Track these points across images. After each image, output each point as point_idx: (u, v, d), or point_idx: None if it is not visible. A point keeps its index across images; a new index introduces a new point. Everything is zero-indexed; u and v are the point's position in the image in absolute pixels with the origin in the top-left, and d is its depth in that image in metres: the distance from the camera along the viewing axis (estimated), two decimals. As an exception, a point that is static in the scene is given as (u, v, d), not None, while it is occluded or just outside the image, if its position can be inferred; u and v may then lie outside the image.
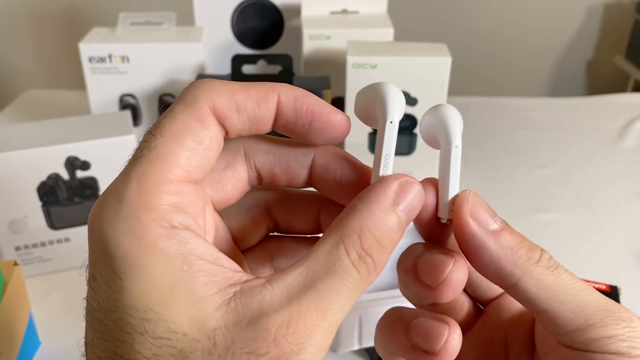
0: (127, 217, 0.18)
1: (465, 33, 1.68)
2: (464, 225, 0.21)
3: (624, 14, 1.68)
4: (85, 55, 0.67)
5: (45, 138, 0.51)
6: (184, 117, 0.19)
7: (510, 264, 0.21)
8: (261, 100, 0.21)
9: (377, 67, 0.62)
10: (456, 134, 0.23)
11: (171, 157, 0.19)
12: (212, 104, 0.20)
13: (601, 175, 0.73)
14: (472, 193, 0.22)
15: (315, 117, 0.22)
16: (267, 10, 0.78)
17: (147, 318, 0.17)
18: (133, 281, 0.17)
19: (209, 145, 0.20)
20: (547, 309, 0.21)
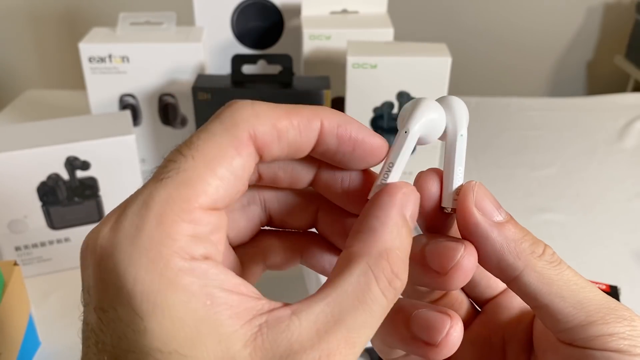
0: (147, 249, 0.16)
1: (465, 33, 1.68)
2: (469, 215, 0.22)
3: (624, 14, 1.68)
4: (85, 55, 0.67)
5: (45, 138, 0.51)
6: (220, 141, 0.18)
7: (513, 256, 0.21)
8: (304, 127, 0.19)
9: (377, 67, 0.62)
10: (462, 123, 0.24)
11: (200, 184, 0.17)
12: (254, 131, 0.18)
13: (601, 175, 0.73)
14: (477, 184, 0.22)
15: (357, 144, 0.21)
16: (267, 10, 0.78)
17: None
18: (157, 322, 0.16)
19: (241, 175, 0.18)
20: (549, 304, 0.21)
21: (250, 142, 0.18)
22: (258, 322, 0.17)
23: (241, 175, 0.18)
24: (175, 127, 0.72)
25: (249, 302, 0.17)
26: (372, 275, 0.18)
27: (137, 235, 0.17)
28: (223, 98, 0.62)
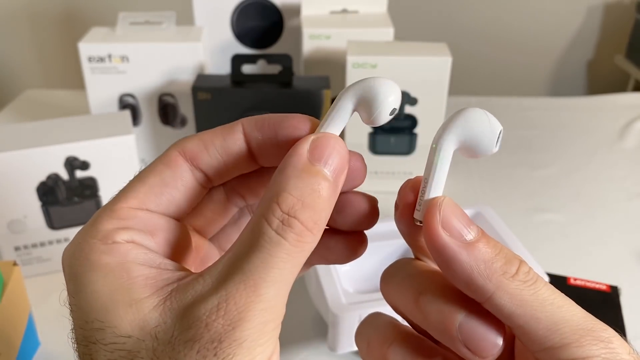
0: (79, 243, 0.20)
1: (465, 33, 1.68)
2: (435, 236, 0.21)
3: (624, 13, 1.68)
4: (85, 55, 0.67)
5: (44, 138, 0.51)
6: (154, 164, 0.22)
7: (483, 278, 0.20)
8: (226, 132, 0.22)
9: (377, 66, 0.62)
10: (442, 134, 0.22)
11: (130, 191, 0.22)
12: (182, 149, 0.22)
13: (601, 175, 0.73)
14: (445, 200, 0.21)
15: (277, 126, 0.22)
16: (267, 10, 0.78)
17: (96, 328, 0.19)
18: (79, 297, 0.19)
19: (170, 183, 0.22)
20: (523, 325, 0.20)
21: (179, 157, 0.22)
22: (170, 288, 0.19)
23: (171, 182, 0.22)
24: (175, 127, 0.72)
25: (166, 274, 0.20)
26: (264, 219, 0.19)
27: (75, 237, 0.21)
28: (223, 98, 0.62)
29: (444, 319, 0.21)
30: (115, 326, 0.19)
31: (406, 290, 0.23)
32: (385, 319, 0.25)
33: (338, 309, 0.41)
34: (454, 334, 0.21)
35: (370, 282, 0.49)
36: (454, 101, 0.88)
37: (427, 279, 0.23)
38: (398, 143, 0.66)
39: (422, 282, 0.23)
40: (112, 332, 0.19)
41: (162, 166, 0.22)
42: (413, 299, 0.23)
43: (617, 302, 0.50)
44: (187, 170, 0.22)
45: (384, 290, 0.25)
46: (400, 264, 0.25)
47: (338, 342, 0.42)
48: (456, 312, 0.21)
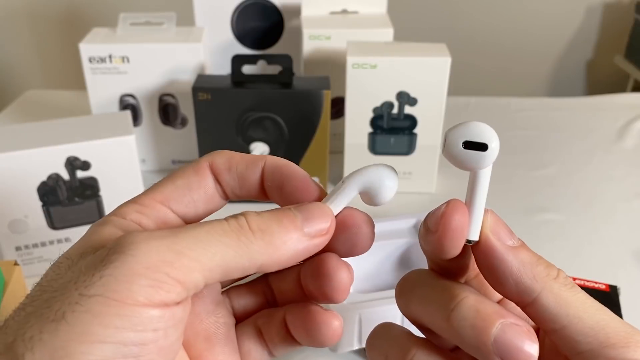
0: (105, 217, 0.23)
1: (465, 33, 1.68)
2: (484, 239, 0.22)
3: (623, 13, 1.68)
4: (86, 56, 0.67)
5: (45, 138, 0.51)
6: (185, 168, 0.25)
7: (530, 279, 0.21)
8: (251, 163, 0.25)
9: (377, 67, 0.62)
10: (487, 155, 0.24)
11: (158, 187, 0.24)
12: (211, 161, 0.25)
13: (601, 175, 0.73)
14: (490, 211, 0.23)
15: (285, 181, 0.24)
16: (267, 11, 0.78)
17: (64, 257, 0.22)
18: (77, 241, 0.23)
19: (195, 188, 0.24)
20: (567, 325, 0.21)
21: (207, 168, 0.25)
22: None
23: (195, 187, 0.24)
24: (175, 127, 0.72)
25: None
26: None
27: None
28: (223, 98, 0.62)
29: (479, 334, 0.21)
30: (69, 253, 0.21)
31: (434, 307, 0.23)
32: (398, 330, 0.25)
33: (338, 309, 0.41)
34: (489, 348, 0.21)
35: (370, 282, 0.49)
36: (454, 101, 0.88)
37: (456, 294, 0.23)
38: (398, 143, 0.66)
39: (451, 297, 0.23)
40: (64, 256, 0.21)
41: (191, 171, 0.25)
42: (442, 315, 0.22)
43: (617, 301, 0.50)
44: (211, 181, 0.25)
45: (402, 304, 0.25)
46: (417, 278, 0.25)
47: (338, 342, 0.42)
48: (490, 325, 0.21)
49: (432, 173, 0.68)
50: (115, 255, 0.19)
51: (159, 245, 0.19)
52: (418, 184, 0.68)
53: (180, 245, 0.19)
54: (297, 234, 0.22)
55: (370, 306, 0.41)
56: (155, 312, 0.19)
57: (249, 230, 0.21)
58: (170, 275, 0.19)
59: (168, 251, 0.19)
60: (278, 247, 0.21)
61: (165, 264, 0.19)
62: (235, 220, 0.21)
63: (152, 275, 0.19)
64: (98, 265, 0.19)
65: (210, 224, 0.21)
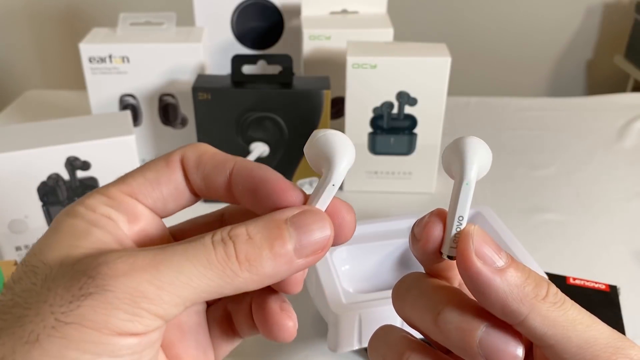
0: (67, 208, 0.22)
1: (465, 33, 1.68)
2: (470, 265, 0.21)
3: (623, 13, 1.68)
4: (86, 56, 0.67)
5: (45, 138, 0.51)
6: (158, 159, 0.24)
7: (517, 302, 0.21)
8: (219, 163, 0.23)
9: (377, 67, 0.62)
10: (468, 171, 0.23)
11: (127, 179, 0.23)
12: (183, 155, 0.24)
13: (601, 175, 0.73)
14: (476, 229, 0.22)
15: (259, 184, 0.22)
16: (267, 10, 0.78)
17: (32, 253, 0.21)
18: (46, 234, 0.21)
19: (164, 182, 0.23)
20: (555, 345, 0.21)
21: (178, 162, 0.23)
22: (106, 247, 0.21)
23: (164, 180, 0.23)
24: (175, 127, 0.72)
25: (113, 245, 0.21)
26: (210, 234, 0.20)
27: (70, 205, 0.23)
28: (223, 98, 0.62)
29: (463, 336, 0.22)
30: (43, 253, 0.20)
31: (423, 310, 0.24)
32: (396, 333, 0.25)
33: (338, 309, 0.41)
34: (475, 350, 0.22)
35: (370, 282, 0.49)
36: (454, 101, 0.88)
37: (443, 297, 0.23)
38: (398, 143, 0.66)
39: (438, 301, 0.23)
40: (38, 258, 0.20)
41: (162, 163, 0.23)
42: (431, 318, 0.23)
43: (617, 301, 0.50)
44: (181, 176, 0.24)
45: (398, 307, 0.25)
46: (411, 280, 0.25)
47: (338, 342, 0.42)
48: (475, 328, 0.22)
49: (432, 173, 0.68)
50: (94, 288, 0.18)
51: (139, 279, 0.19)
52: (418, 184, 0.68)
53: (162, 281, 0.19)
54: (288, 260, 0.21)
55: (370, 306, 0.41)
56: (132, 340, 0.19)
57: (236, 261, 0.20)
58: (149, 310, 0.19)
59: (149, 286, 0.19)
60: (266, 276, 0.20)
61: (145, 300, 0.18)
62: (223, 247, 0.20)
63: (131, 310, 0.18)
64: (76, 293, 0.18)
65: (195, 252, 0.20)
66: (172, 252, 0.20)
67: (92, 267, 0.19)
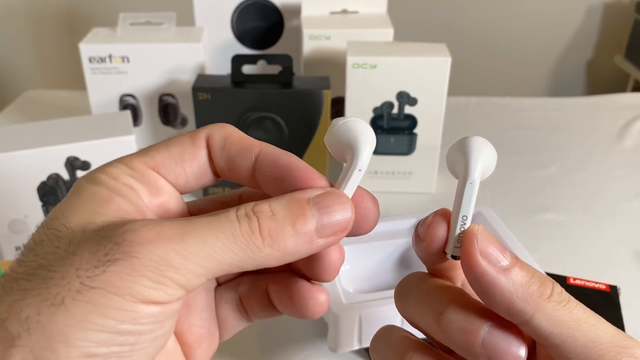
0: (90, 173, 0.22)
1: (465, 33, 1.68)
2: (474, 264, 0.21)
3: (623, 13, 1.68)
4: (86, 56, 0.67)
5: (45, 138, 0.51)
6: (183, 136, 0.24)
7: (523, 301, 0.21)
8: (245, 147, 0.23)
9: (377, 67, 0.62)
10: (473, 171, 0.23)
11: (151, 151, 0.23)
12: (210, 134, 0.23)
13: (601, 175, 0.73)
14: (480, 228, 0.22)
15: (286, 173, 0.22)
16: (267, 10, 0.78)
17: (53, 217, 0.21)
18: (67, 199, 0.21)
19: (188, 159, 0.23)
20: (560, 344, 0.21)
21: (204, 140, 0.23)
22: (128, 217, 0.21)
23: (188, 157, 0.23)
24: (175, 127, 0.72)
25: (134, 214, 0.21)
26: (235, 209, 0.21)
27: (93, 169, 0.23)
28: (223, 98, 0.62)
29: (466, 337, 0.22)
30: (65, 218, 0.20)
31: (425, 310, 0.24)
32: (398, 334, 0.25)
33: (338, 309, 0.41)
34: (478, 350, 0.22)
35: (370, 282, 0.49)
36: (454, 101, 0.88)
37: (445, 297, 0.23)
38: (398, 143, 0.66)
39: (441, 301, 0.23)
40: (60, 222, 0.20)
41: (188, 140, 0.23)
42: (433, 318, 0.23)
43: (617, 301, 0.50)
44: (205, 155, 0.24)
45: (400, 307, 0.25)
46: (414, 281, 0.25)
47: (338, 342, 0.42)
48: (478, 328, 0.22)
49: (432, 173, 0.68)
50: (120, 254, 0.19)
51: (165, 247, 0.19)
52: (418, 184, 0.68)
53: (187, 250, 0.19)
54: (309, 239, 0.21)
55: (370, 306, 0.41)
56: (154, 308, 0.19)
57: (260, 236, 0.20)
58: (173, 280, 0.19)
59: (174, 255, 0.19)
60: (287, 253, 0.21)
61: (170, 268, 0.19)
62: (247, 221, 0.20)
63: (155, 278, 0.18)
64: (102, 258, 0.19)
65: (220, 225, 0.20)
66: (197, 223, 0.20)
67: (117, 233, 0.19)
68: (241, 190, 0.26)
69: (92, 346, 0.18)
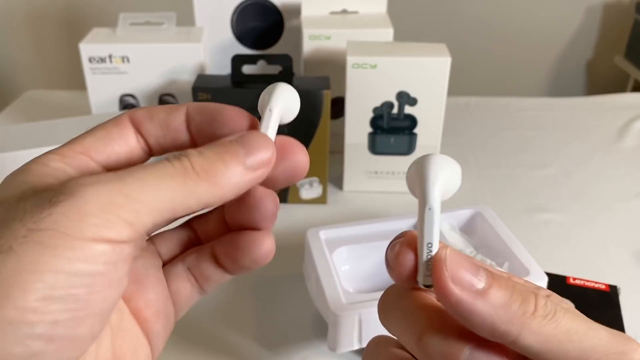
0: (23, 165, 0.23)
1: (465, 33, 1.68)
2: (448, 294, 0.20)
3: (623, 13, 1.68)
4: (86, 56, 0.67)
5: (45, 138, 0.51)
6: (106, 122, 0.25)
7: (505, 323, 0.20)
8: (172, 109, 0.25)
9: (377, 67, 0.62)
10: (431, 194, 0.21)
11: (78, 139, 0.24)
12: (132, 115, 0.25)
13: (601, 175, 0.73)
14: (448, 252, 0.21)
15: (216, 113, 0.24)
16: (267, 10, 0.78)
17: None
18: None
19: (115, 139, 0.24)
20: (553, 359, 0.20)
21: (127, 120, 0.24)
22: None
23: (115, 138, 0.24)
24: (175, 127, 0.72)
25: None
26: (165, 157, 0.22)
27: None
28: (223, 98, 0.62)
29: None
30: (1, 196, 0.21)
31: (406, 332, 0.23)
32: (386, 349, 0.25)
33: (338, 309, 0.41)
34: None
35: (370, 282, 0.49)
36: (454, 101, 0.88)
37: (425, 319, 0.22)
38: (398, 143, 0.66)
39: (420, 323, 0.22)
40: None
41: (111, 124, 0.24)
42: (414, 341, 0.22)
43: (617, 301, 0.50)
44: (132, 134, 0.24)
45: (384, 322, 0.25)
46: (395, 297, 0.24)
47: (338, 342, 0.42)
48: (459, 352, 0.21)
49: (432, 173, 0.67)
50: (64, 197, 0.19)
51: (109, 188, 0.19)
52: (418, 184, 0.68)
53: (129, 189, 0.19)
54: (240, 170, 0.22)
55: (370, 306, 0.41)
56: (106, 246, 0.19)
57: (194, 172, 0.21)
58: (121, 217, 0.19)
59: (118, 194, 0.19)
60: (223, 186, 0.21)
61: (116, 206, 0.19)
62: (179, 161, 0.21)
63: (103, 216, 0.19)
64: (46, 204, 0.19)
65: (155, 167, 0.21)
66: (133, 169, 0.20)
67: (58, 185, 0.19)
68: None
69: (47, 288, 0.18)
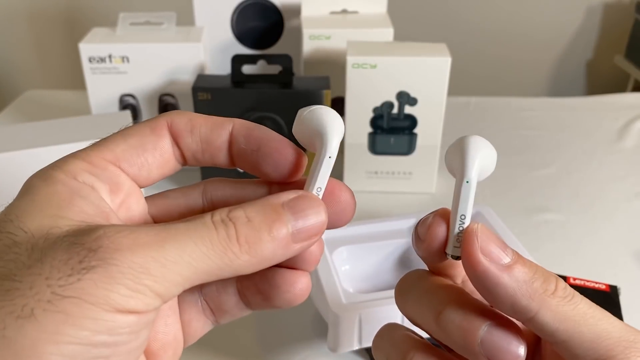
0: (44, 169, 0.21)
1: (465, 33, 1.68)
2: (476, 263, 0.21)
3: (623, 13, 1.68)
4: (85, 56, 0.67)
5: (45, 138, 0.51)
6: (140, 125, 0.23)
7: (527, 298, 0.21)
8: (216, 125, 0.23)
9: (377, 67, 0.62)
10: (470, 169, 0.23)
11: (109, 144, 0.22)
12: (171, 121, 0.23)
13: (601, 175, 0.73)
14: (480, 227, 0.22)
15: (263, 142, 0.23)
16: (267, 10, 0.78)
17: (7, 220, 0.19)
18: (16, 198, 0.20)
19: (150, 149, 0.22)
20: (567, 340, 0.21)
21: (165, 128, 0.23)
22: (91, 220, 0.20)
23: (150, 148, 0.22)
24: (175, 127, 0.72)
25: (97, 218, 0.20)
26: (210, 213, 0.20)
27: (46, 165, 0.22)
28: (223, 98, 0.62)
29: (465, 336, 0.22)
30: (22, 221, 0.19)
31: (425, 308, 0.23)
32: (400, 332, 0.25)
33: (338, 309, 0.41)
34: (477, 349, 0.22)
35: (370, 282, 0.49)
36: (454, 101, 0.88)
37: (445, 296, 0.23)
38: (398, 143, 0.66)
39: (440, 300, 0.23)
40: (16, 225, 0.19)
41: (147, 130, 0.22)
42: (433, 317, 0.23)
43: (617, 301, 0.50)
44: (169, 144, 0.23)
45: (400, 305, 0.25)
46: (414, 278, 0.25)
47: (338, 342, 0.42)
48: (477, 328, 0.22)
49: (432, 173, 0.68)
50: (97, 262, 0.17)
51: (144, 254, 0.18)
52: (418, 184, 0.68)
53: (166, 259, 0.18)
54: (286, 243, 0.20)
55: (370, 306, 0.41)
56: (131, 318, 0.18)
57: (237, 243, 0.19)
58: (151, 288, 0.18)
59: (153, 263, 0.18)
60: (265, 258, 0.20)
61: (149, 277, 0.18)
62: (225, 228, 0.19)
63: (133, 286, 0.18)
64: (76, 266, 0.17)
65: (197, 232, 0.19)
66: (175, 230, 0.19)
67: (91, 239, 0.18)
68: (202, 184, 0.25)
69: (64, 359, 0.17)
